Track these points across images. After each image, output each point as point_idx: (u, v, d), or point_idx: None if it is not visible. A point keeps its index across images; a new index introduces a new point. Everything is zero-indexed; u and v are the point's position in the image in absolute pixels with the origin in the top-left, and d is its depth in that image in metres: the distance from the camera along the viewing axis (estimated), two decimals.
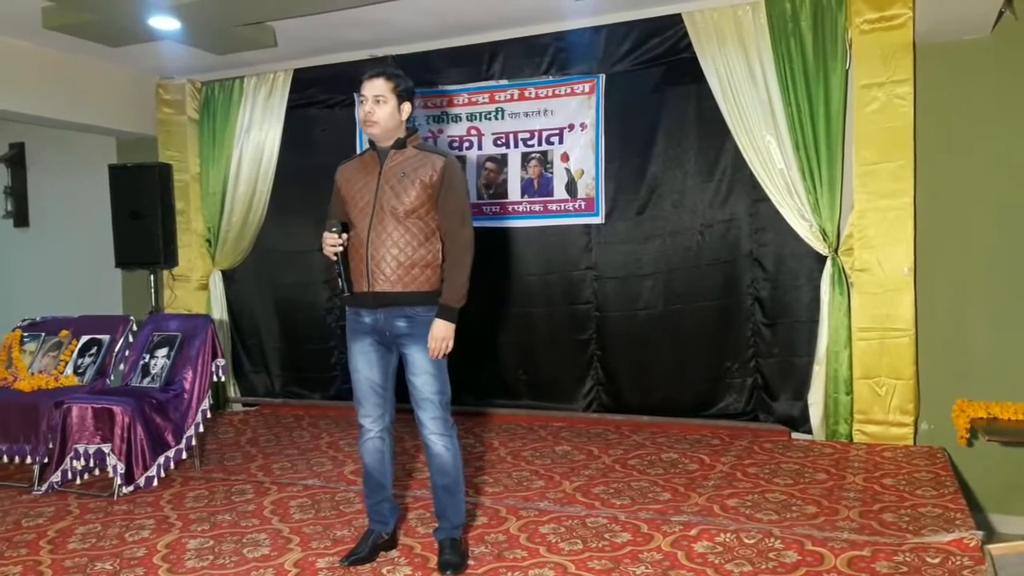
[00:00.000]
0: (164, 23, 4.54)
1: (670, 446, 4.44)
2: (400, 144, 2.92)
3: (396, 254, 2.83)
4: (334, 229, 2.86)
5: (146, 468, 3.94)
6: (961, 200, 4.26)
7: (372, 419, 2.99)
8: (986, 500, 4.18)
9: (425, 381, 2.88)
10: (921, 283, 4.24)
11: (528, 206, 5.10)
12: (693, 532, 3.14)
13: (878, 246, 4.26)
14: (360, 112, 2.89)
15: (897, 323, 4.23)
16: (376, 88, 2.86)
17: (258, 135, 5.71)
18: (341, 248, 2.87)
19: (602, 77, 4.88)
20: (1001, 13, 3.99)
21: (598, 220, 4.94)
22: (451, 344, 2.86)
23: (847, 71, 4.31)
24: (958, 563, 2.76)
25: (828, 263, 4.37)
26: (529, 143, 5.09)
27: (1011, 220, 4.16)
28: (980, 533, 2.94)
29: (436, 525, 3.05)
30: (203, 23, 4.61)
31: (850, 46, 4.28)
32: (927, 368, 4.28)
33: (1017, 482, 3.83)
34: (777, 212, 4.49)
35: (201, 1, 4.19)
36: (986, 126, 4.20)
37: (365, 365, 2.95)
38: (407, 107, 2.92)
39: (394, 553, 3.06)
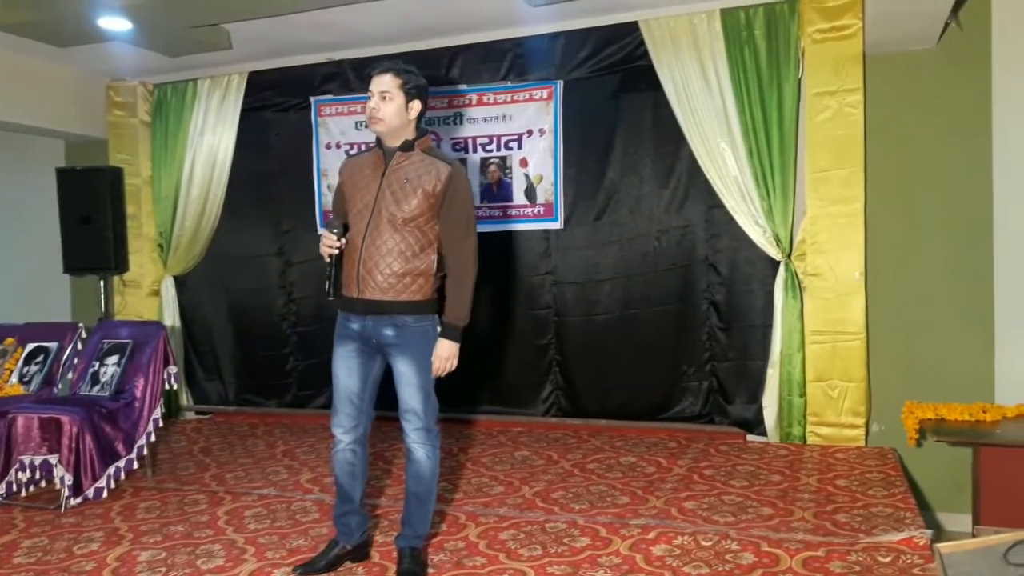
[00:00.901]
0: (114, 24, 4.44)
1: (628, 450, 4.47)
2: (408, 146, 2.80)
3: (390, 262, 2.75)
4: (335, 230, 2.77)
5: (95, 479, 3.84)
6: (910, 206, 4.37)
7: (344, 430, 2.91)
8: (934, 499, 4.29)
9: (411, 393, 2.83)
10: (872, 287, 4.35)
11: (487, 211, 5.10)
12: (651, 535, 3.16)
13: (830, 251, 4.35)
14: (366, 108, 2.77)
15: (849, 327, 4.32)
16: (383, 84, 2.74)
17: (212, 138, 5.62)
18: (337, 251, 2.79)
19: (560, 83, 4.91)
20: (947, 25, 4.11)
21: (557, 225, 4.96)
22: (455, 364, 2.83)
23: (800, 79, 4.40)
24: (908, 561, 2.82)
25: (781, 268, 4.45)
26: (488, 148, 5.09)
27: (958, 226, 4.28)
28: (929, 532, 3.01)
29: (398, 532, 3.01)
30: (155, 24, 4.52)
31: (803, 55, 4.37)
32: (878, 371, 4.38)
33: (963, 481, 3.92)
34: (732, 218, 4.55)
35: (153, 2, 4.11)
36: (933, 134, 4.32)
37: (345, 373, 2.89)
38: (416, 105, 2.78)
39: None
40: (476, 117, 5.11)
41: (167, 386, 4.23)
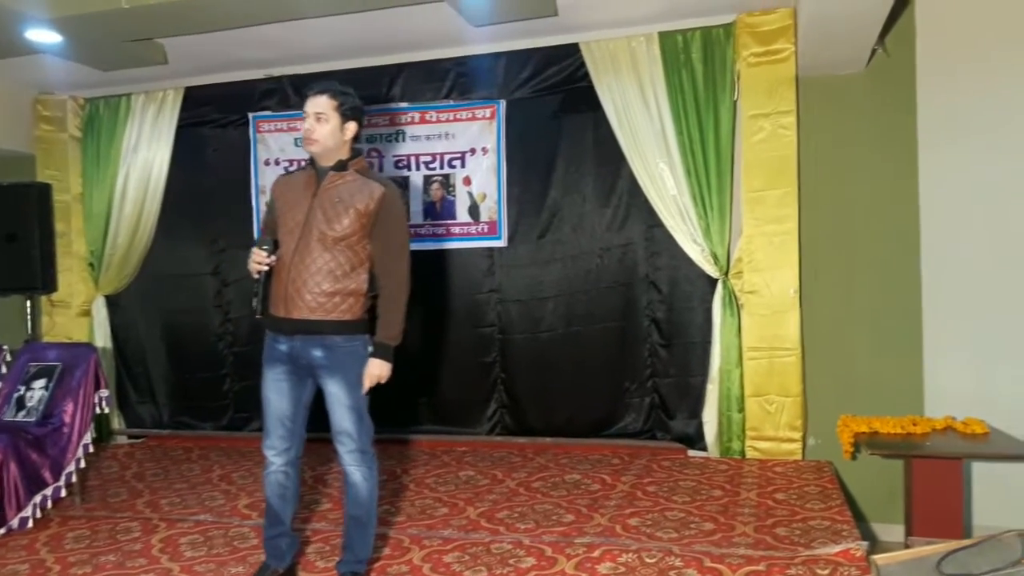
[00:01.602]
0: (44, 36, 4.30)
1: (572, 467, 4.48)
2: (341, 166, 2.81)
3: (319, 281, 2.73)
4: (265, 247, 2.75)
5: (20, 508, 3.68)
6: (842, 225, 4.50)
7: (276, 452, 2.89)
8: (868, 510, 4.39)
9: (343, 415, 2.81)
10: (806, 304, 4.46)
11: (431, 229, 5.08)
12: (596, 553, 3.17)
13: (766, 269, 4.45)
14: (302, 128, 2.78)
15: (784, 343, 4.42)
16: (318, 105, 2.76)
17: (146, 154, 5.47)
18: (267, 268, 2.75)
19: (503, 103, 4.93)
20: (874, 51, 4.27)
21: (501, 243, 4.97)
22: (383, 381, 2.83)
23: (735, 102, 4.50)
24: (846, 573, 2.88)
25: (719, 286, 4.53)
26: (431, 166, 5.08)
27: (888, 244, 4.42)
28: (865, 543, 3.09)
29: (337, 558, 2.96)
30: (87, 38, 4.40)
31: (738, 78, 4.48)
32: (813, 385, 4.49)
33: (895, 492, 4.04)
34: (671, 237, 4.62)
35: (85, 15, 4.00)
36: (863, 155, 4.47)
37: (276, 395, 2.85)
38: (352, 127, 2.80)
39: None
40: (419, 135, 5.10)
41: (98, 410, 4.09)
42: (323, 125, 2.75)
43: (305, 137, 2.77)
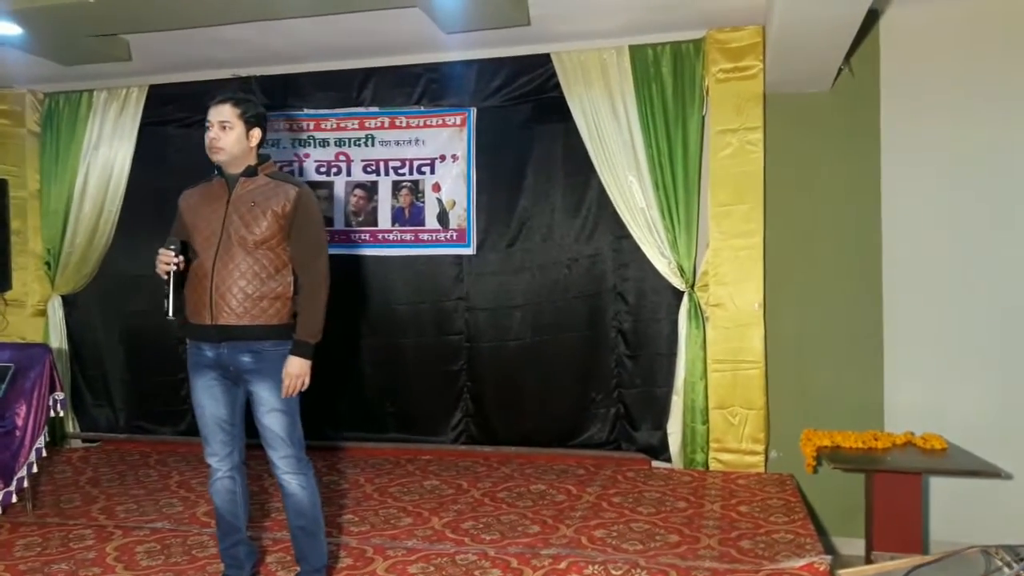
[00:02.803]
0: (3, 28, 4.17)
1: (538, 477, 4.47)
2: (251, 172, 2.81)
3: (244, 286, 2.71)
4: (172, 247, 2.72)
5: None
6: (806, 240, 4.57)
7: (219, 458, 2.84)
8: (829, 523, 4.44)
9: (274, 419, 2.77)
10: (770, 318, 4.51)
11: (399, 235, 5.04)
12: (562, 565, 3.16)
13: (731, 283, 4.50)
14: (206, 138, 2.76)
15: (748, 356, 4.47)
16: (222, 114, 2.75)
17: (107, 152, 5.36)
18: (175, 268, 2.71)
19: (473, 110, 4.92)
20: (840, 70, 4.34)
21: (469, 251, 4.95)
22: (307, 382, 2.78)
23: (704, 117, 4.55)
24: None
25: (685, 298, 4.57)
26: (400, 172, 5.05)
27: (850, 260, 4.50)
28: (829, 557, 3.12)
29: (297, 569, 2.92)
30: (50, 32, 4.29)
31: (707, 93, 4.53)
32: (776, 398, 4.54)
33: (856, 505, 4.09)
34: (639, 248, 4.65)
35: (48, 7, 3.90)
36: (828, 172, 4.54)
37: (210, 401, 2.81)
38: (256, 133, 2.81)
39: None
40: (388, 140, 5.06)
41: (52, 413, 3.98)
42: (228, 133, 2.74)
43: (210, 146, 2.76)
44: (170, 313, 2.73)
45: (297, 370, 2.74)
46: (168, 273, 2.72)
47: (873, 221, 4.46)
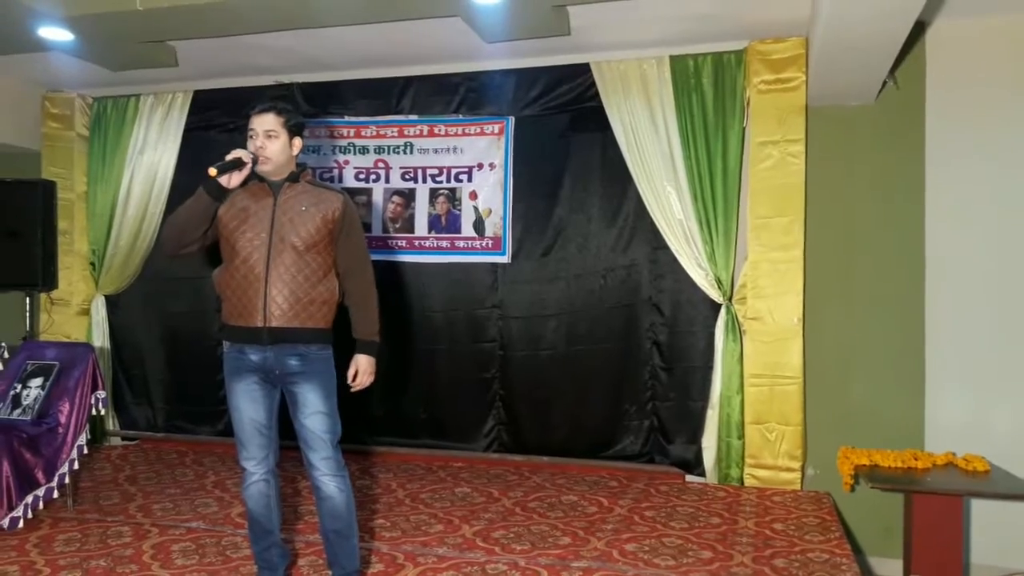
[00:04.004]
0: (56, 34, 4.29)
1: (569, 488, 4.45)
2: (295, 177, 2.85)
3: (295, 289, 2.75)
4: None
5: (11, 508, 3.64)
6: (847, 255, 4.50)
7: (256, 461, 2.86)
8: (866, 543, 4.36)
9: (317, 421, 2.80)
10: (809, 333, 4.44)
11: (435, 242, 5.07)
12: None
13: (770, 296, 4.44)
14: (250, 147, 2.77)
15: (786, 371, 4.40)
16: (267, 123, 2.78)
17: (152, 156, 5.47)
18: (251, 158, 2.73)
19: (511, 119, 4.94)
20: (885, 83, 4.27)
21: (504, 259, 4.96)
22: (373, 377, 2.89)
23: (744, 128, 4.51)
24: None
25: (722, 311, 4.52)
26: (438, 179, 5.07)
27: (892, 275, 4.42)
28: None
29: (329, 573, 2.93)
30: (100, 38, 4.39)
31: (748, 104, 4.49)
32: (813, 415, 4.47)
33: (893, 525, 4.01)
34: (675, 260, 4.62)
35: (99, 15, 3.99)
36: (870, 185, 4.47)
37: (249, 404, 2.83)
38: (298, 142, 2.85)
39: None
40: (426, 148, 5.10)
41: (94, 411, 4.07)
42: (274, 142, 2.77)
43: (257, 155, 2.76)
44: (217, 170, 2.68)
45: (367, 367, 2.89)
46: (240, 160, 2.70)
47: (916, 235, 4.38)
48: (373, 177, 5.20)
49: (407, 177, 5.13)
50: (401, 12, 4.05)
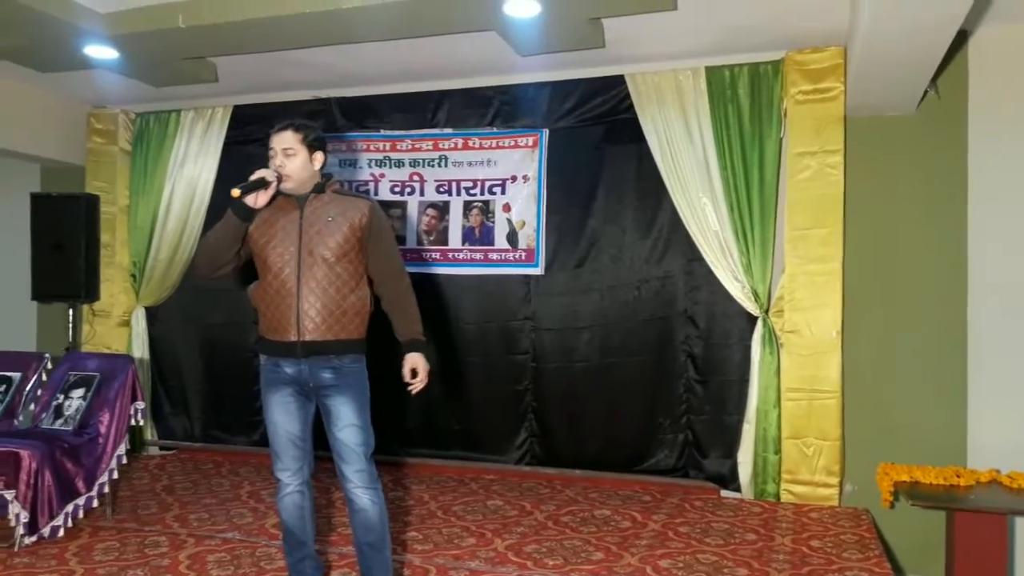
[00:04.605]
0: (101, 52, 4.41)
1: (602, 502, 4.42)
2: (320, 188, 2.85)
3: (327, 301, 2.75)
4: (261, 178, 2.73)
5: (52, 517, 3.71)
6: (887, 267, 4.42)
7: (291, 473, 2.87)
8: (906, 561, 4.26)
9: (351, 433, 2.79)
10: (848, 347, 4.37)
11: (469, 254, 5.09)
12: None
13: (807, 309, 4.38)
14: (271, 165, 2.79)
15: (825, 385, 4.33)
16: (285, 141, 2.78)
17: (192, 170, 5.57)
18: (275, 179, 2.74)
19: (546, 132, 4.95)
20: (926, 93, 4.20)
21: (538, 271, 4.96)
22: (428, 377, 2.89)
23: (782, 139, 4.47)
24: None
25: (759, 323, 4.46)
26: (472, 192, 5.09)
27: (933, 289, 4.33)
28: None
29: None
30: (142, 55, 4.50)
31: (785, 115, 4.44)
32: (852, 430, 4.39)
33: (933, 543, 3.92)
34: (711, 272, 4.58)
35: (143, 33, 4.09)
36: (911, 197, 4.39)
37: (284, 417, 2.84)
38: (319, 156, 2.84)
39: None
40: (461, 161, 5.12)
41: (133, 422, 4.13)
42: (293, 160, 2.77)
43: (278, 173, 2.77)
44: (240, 191, 2.71)
45: (424, 364, 2.86)
46: (264, 180, 2.72)
47: (958, 247, 4.29)
48: (408, 190, 5.23)
49: (441, 190, 5.16)
50: (436, 27, 4.08)
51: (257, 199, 2.76)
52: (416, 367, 2.86)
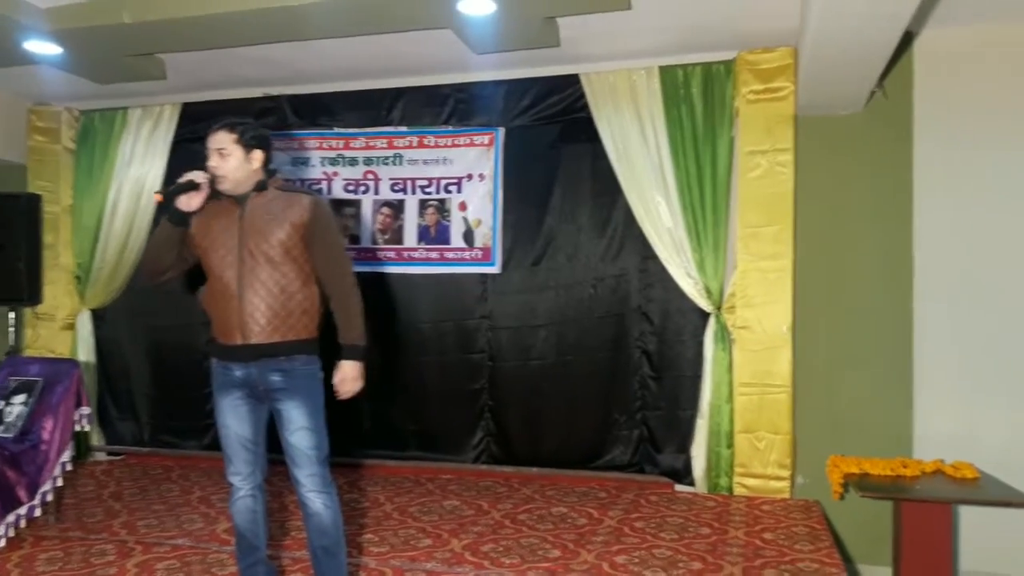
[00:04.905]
0: (42, 48, 4.27)
1: (559, 499, 4.43)
2: (262, 186, 2.79)
3: (271, 302, 2.70)
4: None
5: None
6: (836, 263, 4.51)
7: (242, 477, 2.84)
8: (856, 551, 4.35)
9: (302, 437, 2.75)
10: (798, 342, 4.44)
11: (424, 253, 5.06)
12: None
13: (759, 305, 4.44)
14: (207, 166, 2.75)
15: (776, 380, 4.40)
16: (218, 141, 2.74)
17: (140, 169, 5.44)
18: (203, 179, 2.70)
19: (501, 130, 4.94)
20: (873, 92, 4.30)
21: (494, 270, 4.95)
22: (360, 384, 2.80)
23: (733, 138, 4.52)
24: None
25: (712, 320, 4.52)
26: (427, 190, 5.06)
27: (880, 284, 4.43)
28: None
29: None
30: (87, 51, 4.37)
31: (737, 114, 4.50)
32: (803, 423, 4.46)
33: (883, 533, 4.00)
34: (665, 269, 4.62)
35: (86, 28, 3.98)
36: (859, 195, 4.48)
37: (235, 420, 2.80)
38: (258, 155, 2.77)
39: None
40: (416, 159, 5.09)
41: (78, 428, 4.02)
42: (227, 160, 2.73)
43: (212, 175, 2.74)
44: (162, 195, 2.70)
45: (352, 373, 2.77)
46: (192, 181, 2.69)
47: (904, 244, 4.39)
48: (362, 189, 5.18)
49: (396, 188, 5.12)
50: (391, 24, 4.05)
51: (190, 202, 2.71)
52: (343, 378, 2.77)
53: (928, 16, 4.15)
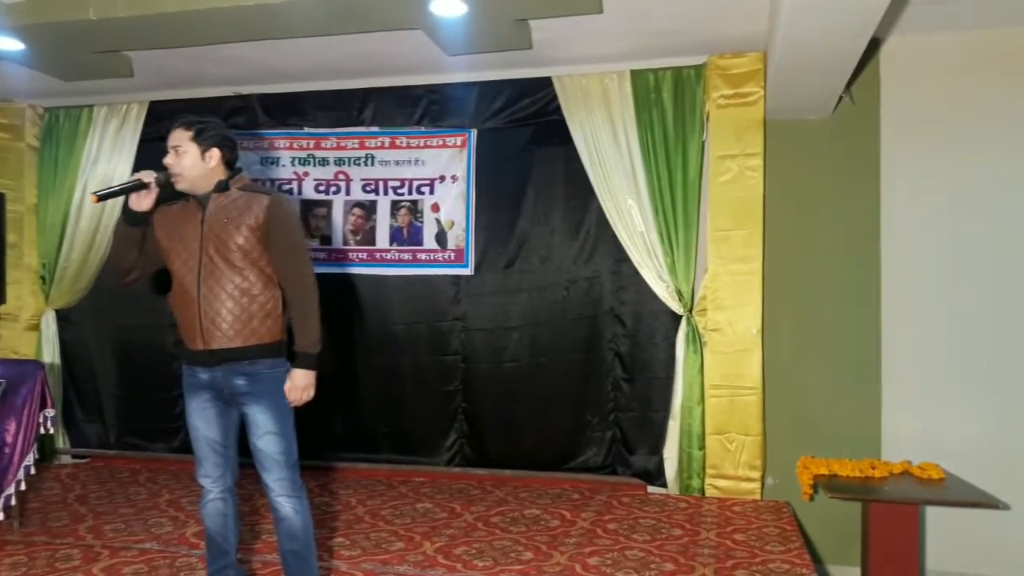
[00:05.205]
0: (5, 44, 4.18)
1: (532, 501, 4.43)
2: (223, 186, 2.73)
3: (232, 307, 2.65)
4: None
5: None
6: (805, 266, 4.56)
7: (212, 479, 2.81)
8: (825, 552, 4.41)
9: (269, 441, 2.72)
10: (768, 344, 4.49)
11: (397, 254, 5.03)
12: None
13: (729, 307, 4.48)
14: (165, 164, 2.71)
15: (746, 381, 4.44)
16: (174, 139, 2.69)
17: (106, 167, 5.36)
18: (154, 179, 2.66)
19: (474, 132, 4.93)
20: (841, 98, 4.36)
21: (467, 272, 4.94)
22: (312, 392, 2.74)
23: (704, 142, 4.56)
24: None
25: (683, 322, 4.55)
26: (399, 191, 5.04)
27: (848, 287, 4.49)
28: None
29: None
30: (52, 47, 4.28)
31: (707, 119, 4.53)
32: (773, 425, 4.51)
33: (852, 534, 4.06)
34: (637, 272, 4.64)
35: (51, 24, 3.90)
36: (827, 198, 4.54)
37: (203, 423, 2.77)
38: (215, 153, 2.70)
39: None
40: (388, 160, 5.06)
41: (43, 430, 3.94)
42: (183, 158, 2.68)
43: (169, 172, 2.70)
44: (98, 197, 2.69)
45: (303, 382, 2.70)
46: (139, 181, 2.65)
47: (872, 247, 4.46)
48: (333, 189, 5.15)
49: (368, 189, 5.09)
50: (362, 24, 4.02)
51: (140, 202, 2.67)
52: (293, 387, 2.70)
53: (894, 24, 4.21)
